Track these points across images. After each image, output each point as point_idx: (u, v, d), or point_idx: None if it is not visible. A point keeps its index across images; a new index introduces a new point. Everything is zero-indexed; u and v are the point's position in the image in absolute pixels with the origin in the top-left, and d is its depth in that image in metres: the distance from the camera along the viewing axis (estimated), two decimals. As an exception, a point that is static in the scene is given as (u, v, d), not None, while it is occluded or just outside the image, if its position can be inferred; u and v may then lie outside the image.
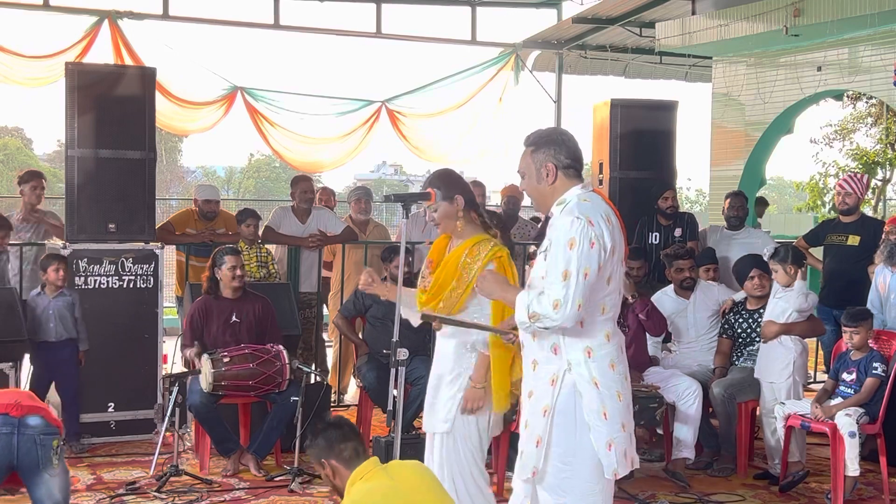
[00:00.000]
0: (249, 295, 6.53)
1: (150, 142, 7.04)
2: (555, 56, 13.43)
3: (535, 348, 3.62)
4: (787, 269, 6.26)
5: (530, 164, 3.65)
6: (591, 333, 3.55)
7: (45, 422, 4.36)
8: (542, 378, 3.58)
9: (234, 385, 6.09)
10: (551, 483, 3.57)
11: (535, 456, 3.57)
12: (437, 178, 4.26)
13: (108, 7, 10.82)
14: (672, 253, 6.99)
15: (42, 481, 4.33)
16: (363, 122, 12.51)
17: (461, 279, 4.14)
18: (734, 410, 6.33)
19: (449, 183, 4.22)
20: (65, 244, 6.89)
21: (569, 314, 3.40)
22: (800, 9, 9.77)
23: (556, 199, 3.61)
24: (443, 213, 4.19)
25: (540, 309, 3.43)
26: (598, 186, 8.39)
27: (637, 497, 5.83)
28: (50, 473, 4.33)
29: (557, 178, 3.61)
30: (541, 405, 3.57)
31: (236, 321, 6.39)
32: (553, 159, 3.61)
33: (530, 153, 3.65)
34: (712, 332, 6.81)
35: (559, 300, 3.40)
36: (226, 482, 6.04)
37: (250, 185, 50.89)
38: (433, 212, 4.21)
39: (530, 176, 3.66)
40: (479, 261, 4.13)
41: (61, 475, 4.38)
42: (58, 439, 4.36)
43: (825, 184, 19.75)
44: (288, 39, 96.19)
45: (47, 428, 4.34)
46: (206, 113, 11.79)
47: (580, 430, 3.53)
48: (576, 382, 3.53)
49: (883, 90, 10.67)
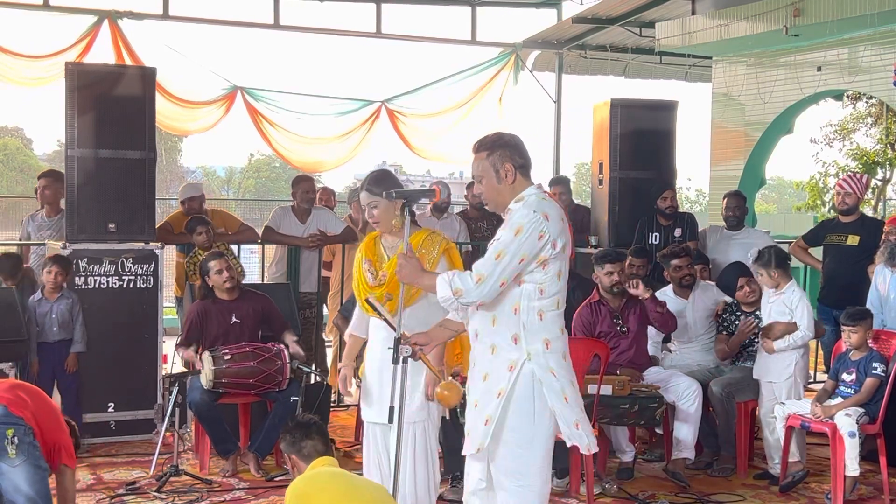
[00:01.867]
0: (248, 294, 6.53)
1: (150, 142, 7.04)
2: (555, 56, 13.42)
3: (492, 334, 3.80)
4: (772, 274, 6.25)
5: (488, 167, 3.83)
6: (550, 327, 3.78)
7: (6, 411, 4.30)
8: (501, 363, 3.77)
9: (234, 383, 6.10)
10: (509, 467, 3.78)
11: (483, 433, 3.76)
12: (381, 179, 4.46)
13: (108, 7, 10.81)
14: (668, 253, 7.00)
15: (1, 472, 4.26)
16: (363, 122, 12.50)
17: None
18: (733, 409, 6.33)
19: (388, 183, 4.42)
20: (65, 244, 6.89)
21: (488, 290, 3.66)
22: (800, 9, 9.76)
23: (514, 197, 3.81)
24: (383, 211, 4.43)
25: (462, 284, 3.67)
26: (599, 186, 8.40)
27: (637, 497, 5.83)
28: (9, 463, 4.25)
29: (516, 178, 3.82)
30: (496, 388, 3.76)
31: (237, 322, 6.38)
32: (510, 160, 3.82)
33: (485, 157, 3.84)
34: (712, 331, 6.81)
35: (483, 275, 3.65)
36: (226, 482, 6.05)
37: (250, 185, 50.89)
38: (372, 209, 4.44)
39: (489, 178, 3.84)
40: (433, 251, 4.39)
41: (27, 467, 4.28)
42: (13, 429, 4.26)
43: (825, 184, 19.77)
44: (288, 39, 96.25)
45: (3, 417, 4.28)
46: (206, 113, 11.77)
47: (538, 418, 3.75)
48: (534, 372, 3.74)
49: (883, 90, 10.67)
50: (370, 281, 4.53)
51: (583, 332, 6.34)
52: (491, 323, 3.79)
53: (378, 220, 4.47)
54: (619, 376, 5.97)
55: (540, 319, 3.74)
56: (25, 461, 4.29)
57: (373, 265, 4.55)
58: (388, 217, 4.44)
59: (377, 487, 3.87)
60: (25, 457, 4.29)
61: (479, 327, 3.85)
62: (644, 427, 6.68)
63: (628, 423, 6.04)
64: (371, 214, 4.49)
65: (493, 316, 3.78)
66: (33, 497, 4.28)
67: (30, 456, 4.31)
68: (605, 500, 5.83)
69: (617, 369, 6.16)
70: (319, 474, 3.75)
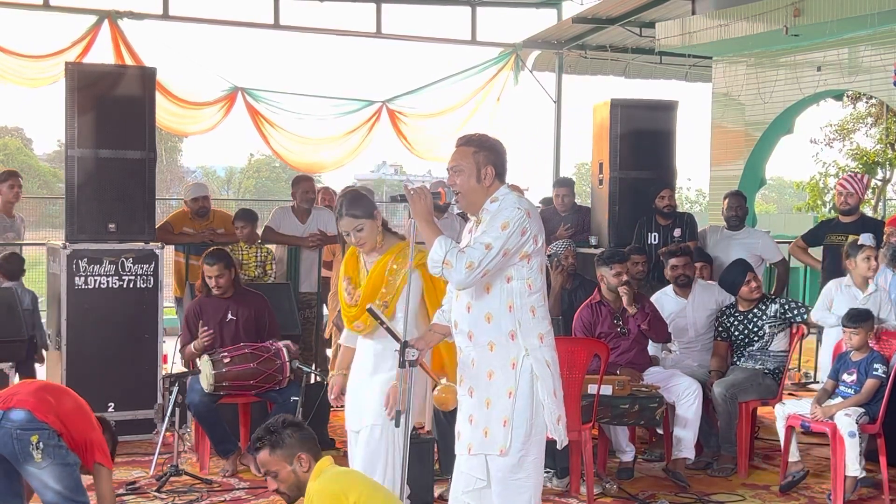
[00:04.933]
0: (245, 293, 6.53)
1: (150, 142, 7.04)
2: (555, 56, 13.43)
3: (489, 332, 3.88)
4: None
5: (472, 163, 3.90)
6: (542, 322, 3.92)
7: (30, 417, 4.34)
8: (503, 360, 3.86)
9: (234, 385, 6.09)
10: (510, 462, 3.85)
11: (504, 435, 3.84)
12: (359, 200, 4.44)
13: (108, 7, 10.82)
14: (668, 251, 7.00)
15: (29, 474, 4.36)
16: (364, 122, 12.51)
17: (389, 286, 4.37)
18: (735, 411, 6.32)
19: (366, 203, 4.43)
20: (65, 244, 6.89)
21: (472, 278, 3.76)
22: (800, 9, 9.77)
23: (487, 198, 3.92)
24: (369, 231, 4.42)
25: (454, 261, 3.74)
26: (599, 186, 8.40)
27: (637, 497, 5.83)
28: (35, 466, 4.33)
29: (493, 182, 3.91)
30: (505, 387, 3.85)
31: (232, 319, 6.38)
32: (492, 164, 3.91)
33: (472, 153, 3.92)
34: (712, 332, 6.81)
35: (474, 263, 3.73)
36: (226, 482, 6.05)
37: (250, 185, 50.86)
38: (358, 232, 4.39)
39: (469, 174, 3.90)
40: (406, 266, 4.29)
41: (54, 468, 4.35)
42: (38, 435, 4.31)
43: (825, 184, 19.75)
44: (288, 39, 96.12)
45: (28, 423, 4.33)
46: (207, 114, 11.78)
47: (537, 411, 3.87)
48: (532, 367, 3.86)
49: (883, 90, 10.67)
50: (347, 300, 4.51)
51: (583, 332, 6.34)
52: (486, 320, 3.87)
53: (365, 241, 4.43)
54: (619, 376, 5.97)
55: (532, 315, 3.88)
56: (52, 462, 4.36)
57: (351, 283, 4.52)
58: (373, 236, 4.43)
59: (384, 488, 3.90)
60: (52, 459, 4.36)
61: (471, 328, 3.91)
62: (644, 427, 6.67)
63: (628, 423, 6.03)
64: (358, 237, 4.42)
65: (488, 313, 3.87)
66: (61, 491, 4.38)
67: (56, 457, 4.37)
68: (605, 500, 5.82)
69: (617, 369, 6.15)
70: (341, 473, 3.72)
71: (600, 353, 5.74)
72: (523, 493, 3.88)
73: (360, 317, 4.43)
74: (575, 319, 6.45)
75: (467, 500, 3.98)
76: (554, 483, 5.94)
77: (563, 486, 5.90)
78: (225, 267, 6.38)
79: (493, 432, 3.86)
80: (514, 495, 3.87)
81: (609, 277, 6.38)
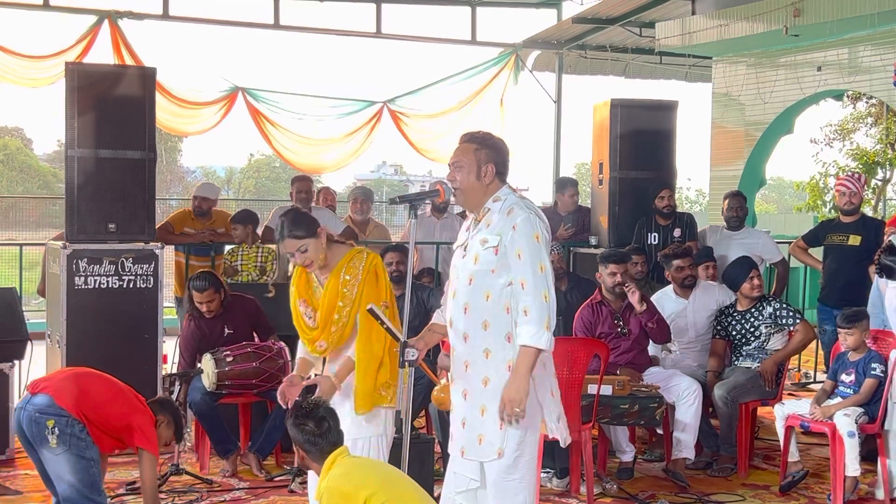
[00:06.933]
0: (233, 302, 6.53)
1: (150, 142, 7.03)
2: (555, 56, 13.43)
3: (485, 337, 3.82)
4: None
5: (472, 160, 3.88)
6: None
7: (50, 402, 4.47)
8: (498, 364, 3.80)
9: (236, 384, 6.10)
10: (505, 463, 3.82)
11: (501, 438, 3.80)
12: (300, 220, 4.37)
13: (108, 7, 10.82)
14: (670, 253, 6.99)
15: (46, 459, 4.48)
16: (365, 123, 12.51)
17: (346, 298, 4.30)
18: (736, 412, 6.32)
19: (308, 221, 4.36)
20: (65, 244, 6.89)
21: (553, 301, 3.73)
22: (800, 9, 9.76)
23: (488, 197, 3.88)
24: (314, 250, 4.33)
25: (540, 313, 3.69)
26: (599, 186, 8.40)
27: (637, 497, 5.83)
28: (51, 451, 4.43)
29: (493, 181, 3.88)
30: (500, 389, 3.77)
31: (229, 333, 6.43)
32: (493, 162, 3.88)
33: (473, 150, 3.89)
34: (712, 332, 6.81)
35: (546, 291, 3.71)
36: (226, 482, 6.05)
37: (250, 185, 50.86)
38: (303, 252, 4.31)
39: (469, 171, 3.88)
40: (359, 274, 4.30)
41: (69, 457, 4.43)
42: (54, 420, 4.42)
43: (825, 184, 19.73)
44: (288, 39, 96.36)
45: (46, 408, 4.45)
46: (207, 114, 11.78)
47: (532, 412, 3.81)
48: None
49: (883, 90, 10.67)
50: (309, 323, 4.44)
51: (583, 332, 6.34)
52: (483, 327, 3.83)
53: (311, 260, 4.35)
54: (619, 376, 5.97)
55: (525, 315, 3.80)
56: (67, 451, 4.45)
57: (307, 304, 4.44)
58: (318, 254, 4.34)
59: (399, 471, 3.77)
60: (67, 447, 4.45)
61: (469, 330, 3.87)
62: (644, 427, 6.68)
63: (628, 423, 6.04)
64: (303, 258, 4.34)
65: (485, 320, 3.82)
66: (75, 484, 4.45)
67: (72, 446, 4.46)
68: (605, 500, 5.83)
69: (617, 370, 6.16)
70: (351, 469, 3.61)
71: (600, 353, 5.74)
72: (518, 495, 3.85)
73: (321, 336, 4.36)
74: (575, 319, 6.45)
75: (461, 500, 3.95)
76: (554, 483, 5.94)
77: (563, 486, 5.90)
78: (215, 291, 6.39)
79: (487, 439, 3.83)
80: (510, 497, 3.84)
81: (605, 277, 6.40)
